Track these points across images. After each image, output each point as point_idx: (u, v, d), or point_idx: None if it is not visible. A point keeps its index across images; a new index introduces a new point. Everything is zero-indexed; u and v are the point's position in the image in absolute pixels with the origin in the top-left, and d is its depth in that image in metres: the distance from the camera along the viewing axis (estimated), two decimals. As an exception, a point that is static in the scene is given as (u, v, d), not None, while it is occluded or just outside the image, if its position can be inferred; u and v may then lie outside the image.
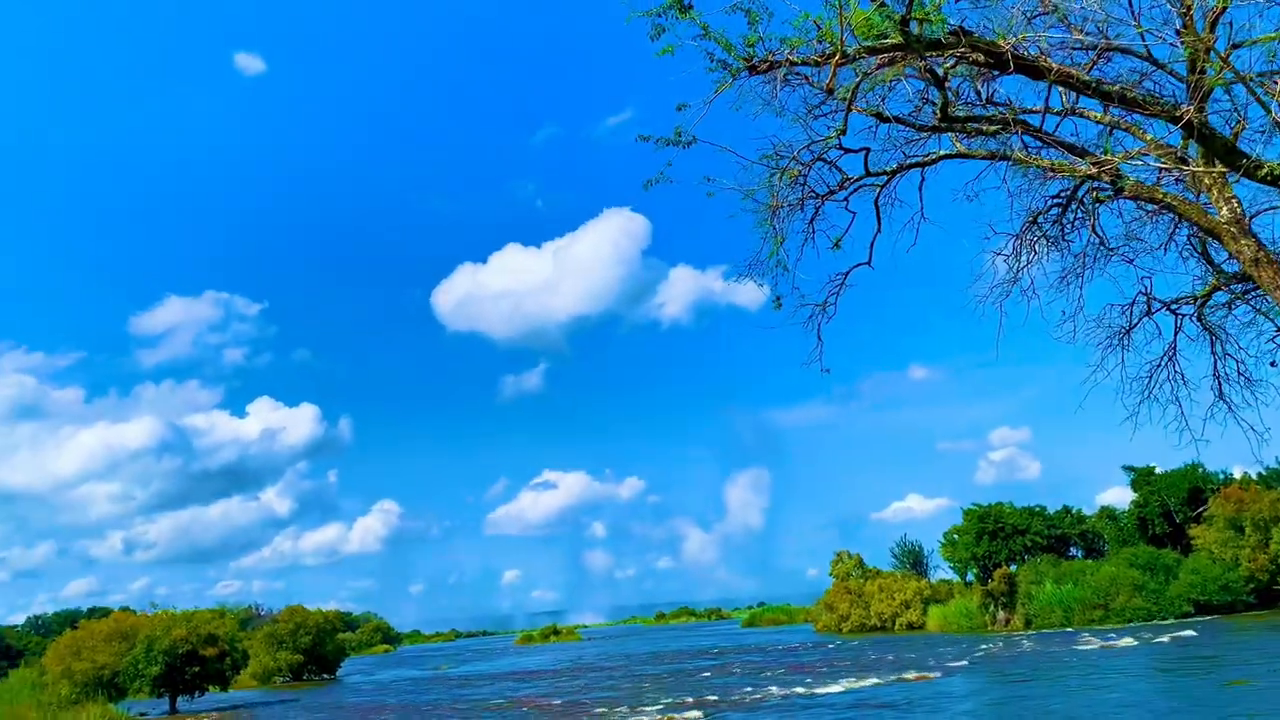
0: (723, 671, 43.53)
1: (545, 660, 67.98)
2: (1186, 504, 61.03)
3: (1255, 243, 6.49)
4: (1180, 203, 6.89)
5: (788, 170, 7.28)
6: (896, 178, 7.93)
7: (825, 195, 7.89)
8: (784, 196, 7.51)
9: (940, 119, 6.71)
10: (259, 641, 62.64)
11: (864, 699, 29.31)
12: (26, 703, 42.01)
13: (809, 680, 35.77)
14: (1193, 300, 8.80)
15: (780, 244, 7.51)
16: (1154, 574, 54.12)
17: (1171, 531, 61.09)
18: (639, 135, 6.68)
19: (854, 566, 73.73)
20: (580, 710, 31.81)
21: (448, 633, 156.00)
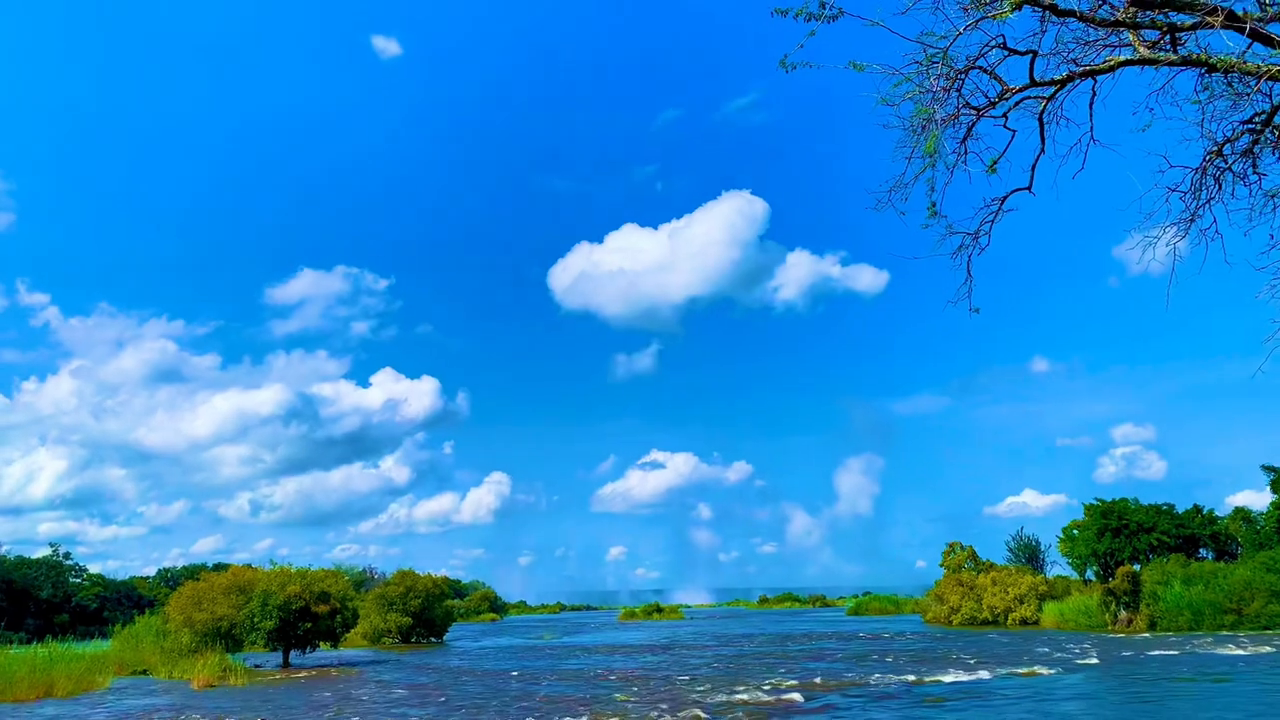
0: (827, 656, 42.55)
1: (647, 636, 67.90)
2: (1334, 508, 57.17)
3: None
4: None
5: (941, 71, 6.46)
6: (1065, 89, 7.01)
7: (982, 109, 7.02)
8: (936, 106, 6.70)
9: (1131, 3, 5.78)
10: (370, 602, 64.09)
11: (976, 690, 28.08)
12: (151, 648, 43.79)
13: (917, 669, 34.58)
14: None
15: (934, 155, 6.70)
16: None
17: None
18: (775, 10, 5.92)
19: (966, 558, 71.57)
20: (681, 686, 31.36)
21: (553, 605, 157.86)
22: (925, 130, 6.75)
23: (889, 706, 25.28)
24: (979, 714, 23.55)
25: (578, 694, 29.66)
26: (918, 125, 6.85)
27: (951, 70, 6.58)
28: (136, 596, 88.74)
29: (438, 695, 31.06)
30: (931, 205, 6.93)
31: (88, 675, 35.72)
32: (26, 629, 72.17)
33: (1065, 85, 6.94)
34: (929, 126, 6.74)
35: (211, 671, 36.73)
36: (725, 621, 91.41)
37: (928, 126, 6.74)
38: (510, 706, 27.14)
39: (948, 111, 6.85)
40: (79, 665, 36.74)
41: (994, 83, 6.85)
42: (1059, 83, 6.88)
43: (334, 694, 31.94)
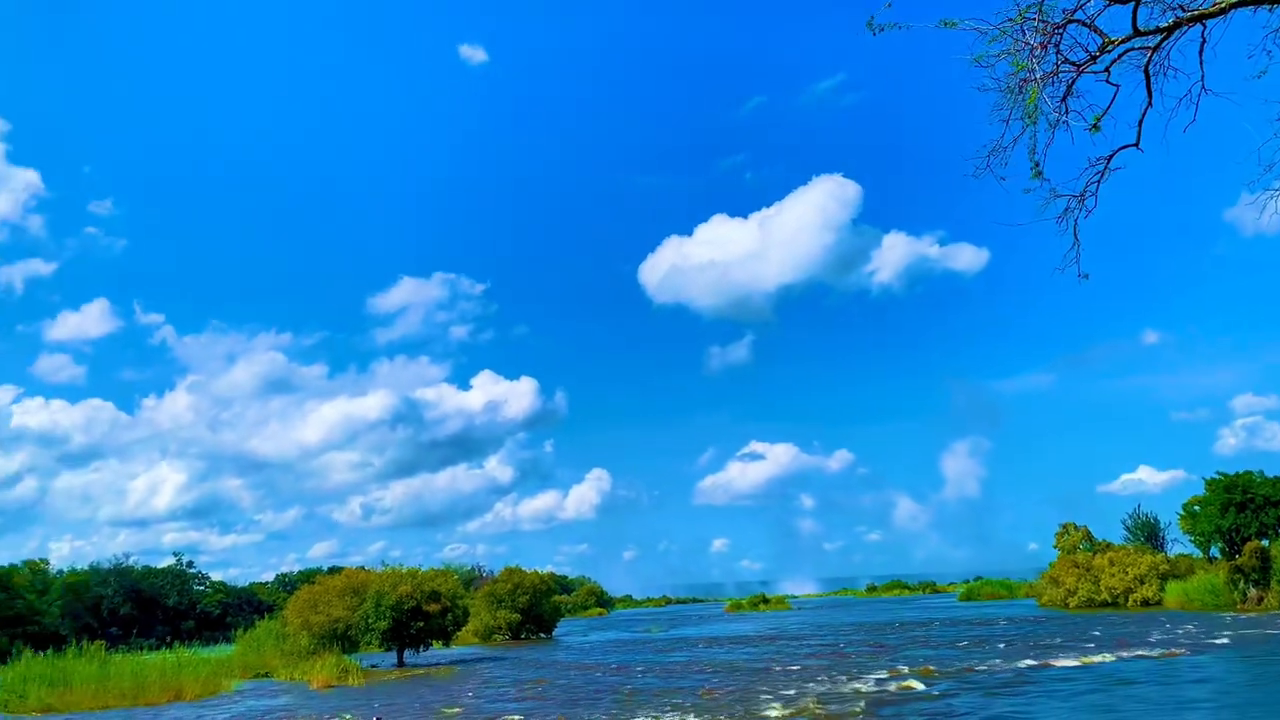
0: (941, 643, 41.69)
1: (755, 627, 67.55)
2: None
3: None
4: None
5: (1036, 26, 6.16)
6: (1172, 38, 6.62)
7: (1082, 64, 6.67)
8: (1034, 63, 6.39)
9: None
10: (480, 600, 65.21)
11: (1098, 674, 27.14)
12: (271, 651, 45.29)
13: (1035, 654, 33.61)
14: None
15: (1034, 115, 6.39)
16: None
17: None
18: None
19: (1081, 539, 69.37)
20: (794, 675, 31.06)
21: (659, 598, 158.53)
22: (1023, 90, 6.46)
23: (1008, 692, 24.61)
24: (1102, 698, 22.74)
25: (682, 685, 29.62)
26: (1014, 85, 6.55)
27: (1048, 24, 6.27)
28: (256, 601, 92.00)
29: (538, 690, 31.39)
30: (1035, 165, 6.61)
31: (214, 679, 37.09)
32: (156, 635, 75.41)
33: (1172, 33, 6.54)
34: (1027, 85, 6.45)
35: (330, 672, 37.76)
36: (833, 611, 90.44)
37: (1025, 85, 6.45)
38: (604, 698, 27.26)
39: (1046, 69, 6.53)
40: (205, 669, 38.20)
41: (1094, 35, 6.50)
42: (1165, 31, 6.49)
43: (443, 691, 32.53)
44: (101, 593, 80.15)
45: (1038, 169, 6.69)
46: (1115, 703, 21.87)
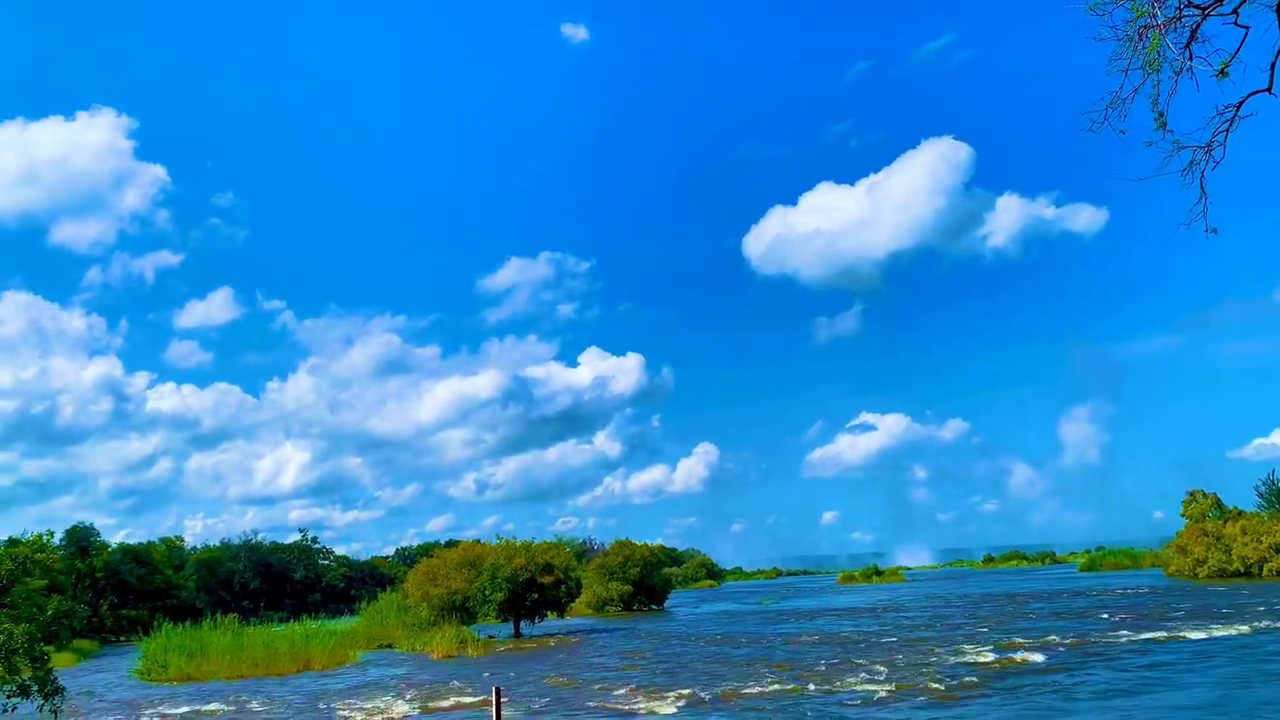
0: (1062, 615, 40.59)
1: (867, 599, 66.88)
2: None
3: None
4: None
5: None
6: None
7: (1208, 7, 6.32)
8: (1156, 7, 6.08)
9: None
10: (592, 572, 66.11)
11: (1237, 645, 26.03)
12: (394, 623, 46.80)
13: (1163, 625, 32.43)
14: None
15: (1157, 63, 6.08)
16: None
17: None
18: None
19: (1210, 507, 66.53)
20: (909, 648, 30.68)
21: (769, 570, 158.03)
22: (1143, 37, 6.15)
23: (1131, 665, 23.85)
24: (1237, 670, 21.84)
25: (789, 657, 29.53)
26: (1134, 32, 6.24)
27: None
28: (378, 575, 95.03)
29: (643, 660, 31.69)
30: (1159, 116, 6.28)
31: (340, 649, 38.52)
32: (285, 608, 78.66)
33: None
34: (1147, 32, 6.14)
35: (449, 643, 38.83)
36: (949, 583, 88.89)
37: (1146, 32, 6.14)
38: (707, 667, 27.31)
39: (1168, 13, 6.21)
40: (331, 640, 39.67)
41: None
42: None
43: (555, 661, 33.13)
44: (233, 568, 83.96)
45: (1162, 119, 6.37)
46: (1250, 675, 20.99)
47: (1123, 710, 17.92)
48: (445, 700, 24.44)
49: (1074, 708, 18.50)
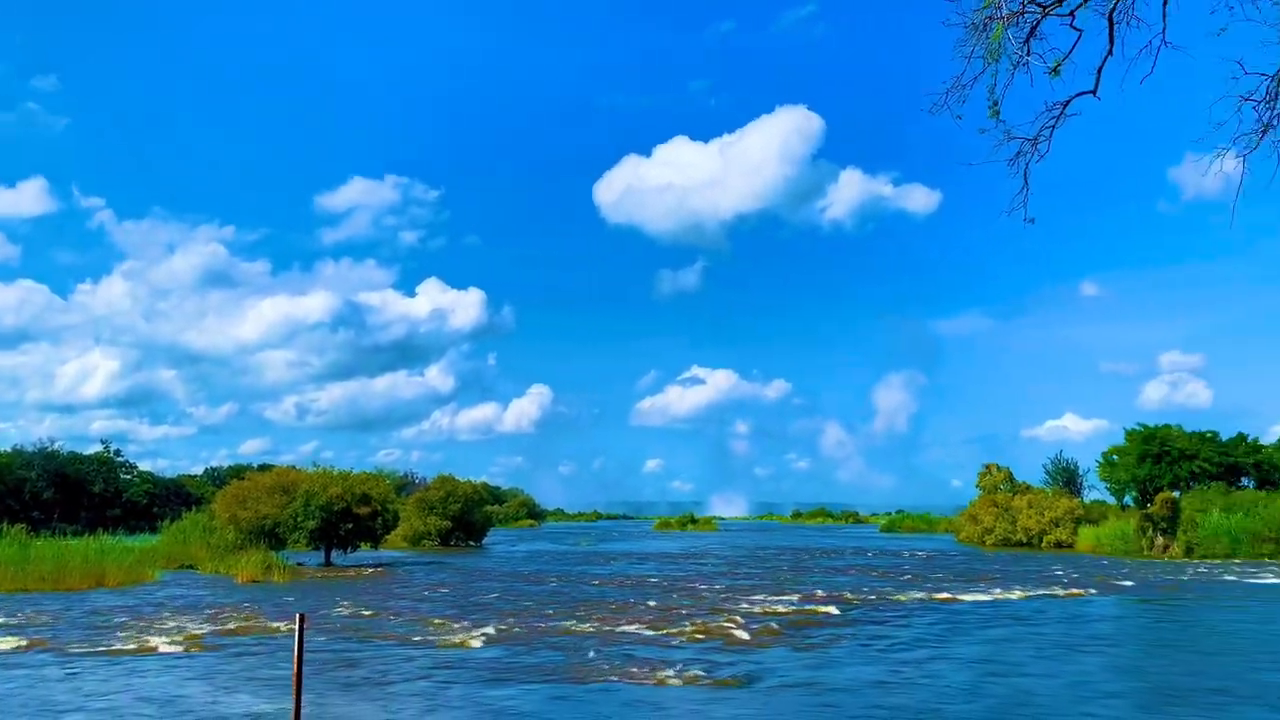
0: (859, 571, 42.90)
1: (680, 545, 68.84)
2: (1384, 440, 56.05)
3: None
4: None
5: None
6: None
7: (1048, 6, 6.61)
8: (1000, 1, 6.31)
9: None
10: (411, 506, 65.46)
11: (1008, 609, 28.19)
12: (198, 544, 45.08)
13: (949, 587, 34.76)
14: None
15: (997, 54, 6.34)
16: (1338, 511, 50.27)
17: (1363, 468, 56.40)
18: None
19: (1003, 480, 71.47)
20: (714, 595, 31.76)
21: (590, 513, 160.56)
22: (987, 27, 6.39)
23: (918, 623, 25.45)
24: (1010, 631, 23.63)
25: (605, 598, 30.14)
26: (980, 21, 6.49)
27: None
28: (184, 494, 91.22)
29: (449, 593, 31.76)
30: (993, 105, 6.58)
31: (137, 567, 36.86)
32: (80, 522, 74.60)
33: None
34: (992, 22, 6.38)
35: (255, 568, 37.74)
36: (758, 534, 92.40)
37: (990, 22, 6.38)
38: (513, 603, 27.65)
39: (1012, 7, 6.47)
40: (129, 557, 37.91)
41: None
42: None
43: (364, 591, 32.75)
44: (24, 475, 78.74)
45: (995, 108, 6.68)
46: (1019, 637, 22.74)
47: (904, 661, 19.12)
48: (245, 623, 23.78)
49: (862, 659, 19.59)
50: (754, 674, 17.62)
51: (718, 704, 15.25)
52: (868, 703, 15.16)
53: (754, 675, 17.51)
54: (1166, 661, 19.33)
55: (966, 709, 14.65)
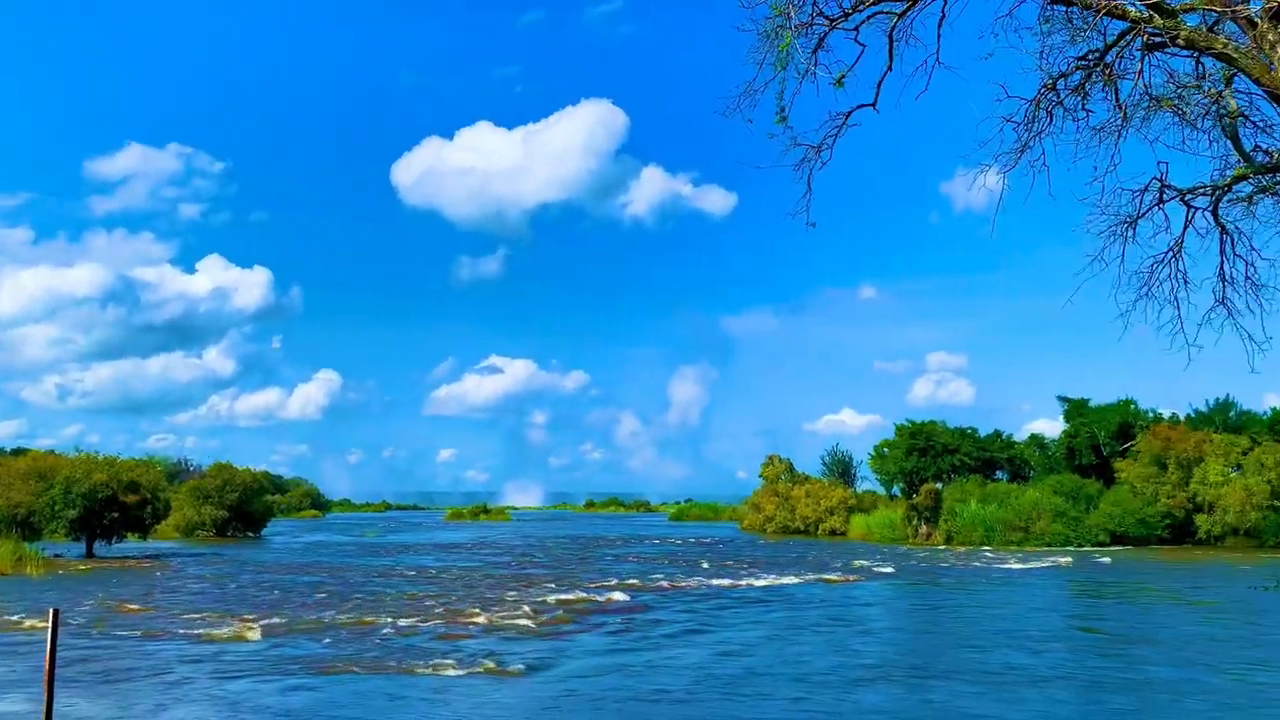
0: (647, 559, 43.81)
1: (472, 535, 68.20)
2: (1115, 438, 62.06)
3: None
4: (1243, 55, 6.11)
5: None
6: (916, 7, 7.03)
7: (835, 20, 6.96)
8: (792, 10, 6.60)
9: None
10: (184, 494, 61.88)
11: (783, 594, 29.54)
12: (-64, 533, 40.99)
13: (731, 573, 36.05)
14: (1210, 191, 8.11)
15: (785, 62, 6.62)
16: (1075, 502, 55.33)
17: (1098, 463, 62.21)
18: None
19: (784, 471, 74.45)
20: (503, 584, 31.67)
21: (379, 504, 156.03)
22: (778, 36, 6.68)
23: (706, 606, 26.28)
24: (784, 614, 24.78)
25: (389, 590, 29.54)
26: (772, 30, 6.77)
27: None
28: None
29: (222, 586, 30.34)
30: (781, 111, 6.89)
31: None
32: None
33: (917, 3, 6.97)
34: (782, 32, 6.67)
35: (4, 560, 34.69)
36: (551, 524, 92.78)
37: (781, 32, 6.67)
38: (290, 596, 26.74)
39: (802, 18, 6.79)
40: None
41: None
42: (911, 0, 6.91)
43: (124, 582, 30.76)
44: None
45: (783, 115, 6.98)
46: (793, 619, 23.89)
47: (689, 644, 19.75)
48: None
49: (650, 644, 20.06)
50: (538, 662, 17.74)
51: (498, 692, 15.28)
52: (605, 687, 15.68)
53: (538, 664, 17.62)
54: (888, 642, 21.03)
55: (694, 689, 15.51)
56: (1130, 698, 15.36)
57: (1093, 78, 7.59)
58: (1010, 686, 15.96)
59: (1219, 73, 7.39)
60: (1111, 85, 7.68)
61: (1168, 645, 20.53)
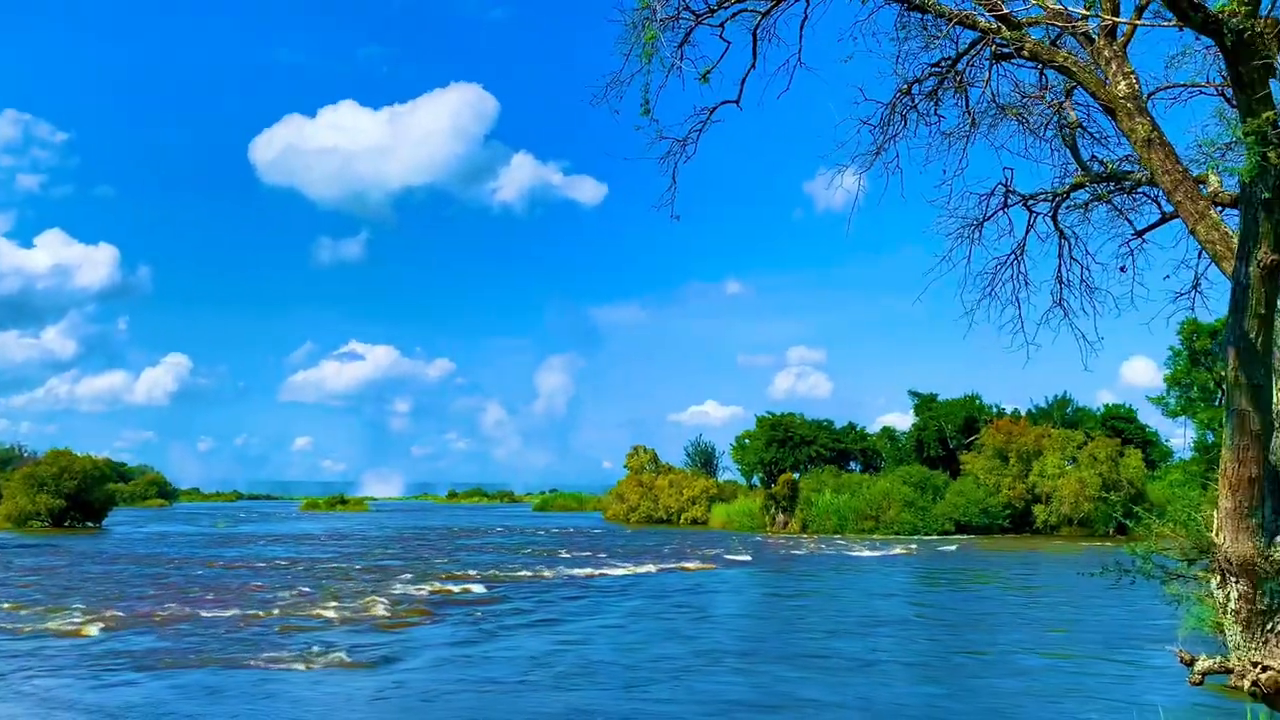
0: (508, 550, 43.57)
1: (327, 526, 66.46)
2: (961, 431, 65.02)
3: (1150, 122, 6.13)
4: (1081, 69, 6.45)
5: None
6: (780, 7, 7.16)
7: (701, 15, 7.03)
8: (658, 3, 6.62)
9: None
10: (17, 482, 58.38)
11: (639, 583, 29.85)
12: None
13: (592, 562, 36.21)
14: (1050, 197, 8.55)
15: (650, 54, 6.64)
16: (923, 492, 57.69)
17: (945, 455, 65.05)
18: None
19: (648, 461, 75.21)
20: (359, 576, 30.99)
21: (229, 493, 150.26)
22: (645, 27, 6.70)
23: (561, 596, 26.30)
24: (643, 603, 25.03)
25: (238, 582, 28.55)
26: (638, 21, 6.79)
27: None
28: None
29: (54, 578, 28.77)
30: (645, 102, 6.91)
31: None
32: None
33: (780, 2, 7.10)
34: (648, 24, 6.69)
35: None
36: (411, 515, 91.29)
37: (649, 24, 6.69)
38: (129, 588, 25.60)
39: (668, 12, 6.83)
40: None
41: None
42: (775, 0, 7.04)
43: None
44: None
45: (647, 107, 7.01)
46: (644, 608, 24.16)
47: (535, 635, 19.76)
48: None
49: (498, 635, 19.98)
50: (382, 656, 17.46)
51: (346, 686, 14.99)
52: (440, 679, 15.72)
53: (382, 657, 17.35)
54: (729, 629, 21.61)
55: (526, 679, 15.69)
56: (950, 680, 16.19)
57: (945, 84, 7.89)
58: (837, 671, 16.59)
59: (1061, 85, 7.82)
60: (962, 92, 8.01)
61: (992, 629, 21.69)
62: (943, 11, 6.80)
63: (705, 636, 20.02)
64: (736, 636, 20.35)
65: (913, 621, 23.27)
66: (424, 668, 16.50)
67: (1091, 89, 6.46)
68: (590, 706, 13.81)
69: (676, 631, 20.58)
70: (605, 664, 16.92)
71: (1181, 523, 6.99)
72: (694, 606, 24.97)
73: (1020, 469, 56.54)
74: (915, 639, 20.39)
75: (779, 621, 23.17)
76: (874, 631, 20.92)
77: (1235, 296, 5.49)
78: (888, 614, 24.04)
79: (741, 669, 16.63)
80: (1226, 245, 5.87)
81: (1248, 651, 5.90)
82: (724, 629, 21.48)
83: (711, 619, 23.09)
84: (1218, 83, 7.22)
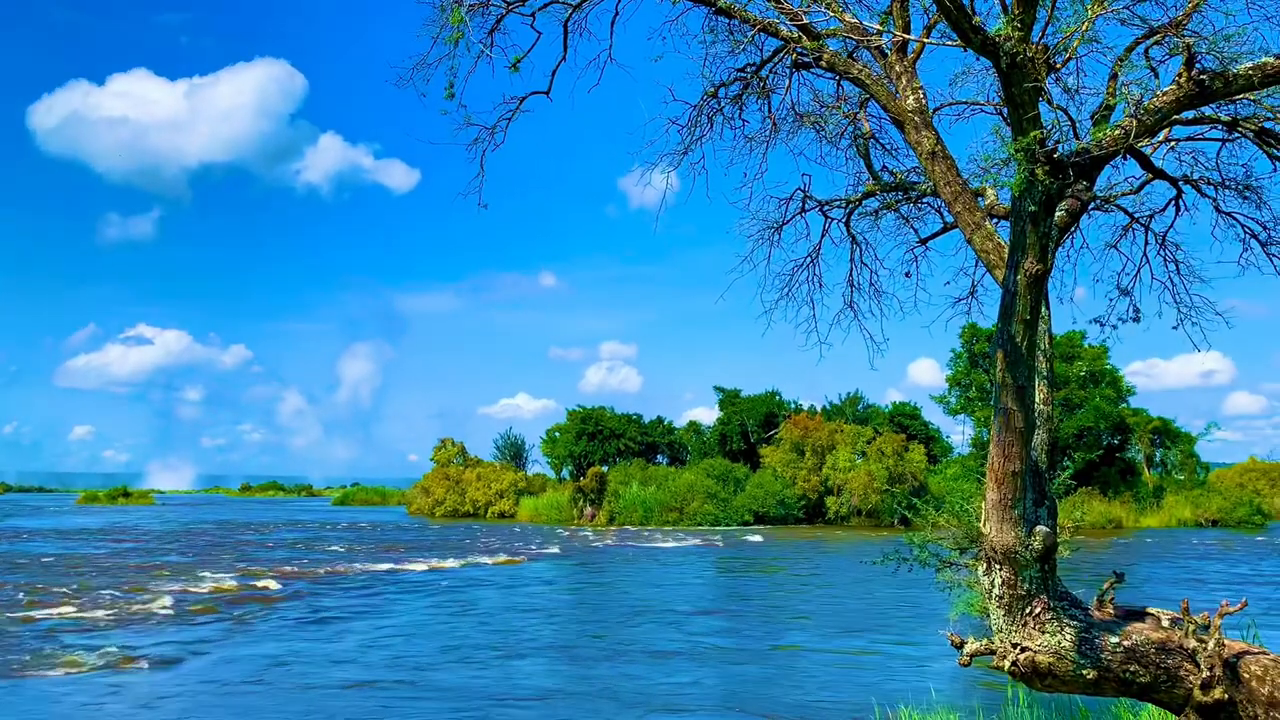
0: (306, 545, 42.05)
1: (109, 521, 62.20)
2: (762, 426, 67.35)
3: (935, 136, 6.51)
4: (873, 81, 6.77)
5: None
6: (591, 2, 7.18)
7: (512, 3, 6.96)
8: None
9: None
10: None
11: (446, 578, 29.47)
12: None
13: (394, 558, 35.43)
14: (844, 204, 8.96)
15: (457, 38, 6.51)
16: (725, 484, 59.43)
17: (746, 449, 67.19)
18: None
19: (456, 454, 74.19)
20: (143, 574, 29.18)
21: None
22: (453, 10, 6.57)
23: (360, 593, 25.62)
24: (450, 598, 24.70)
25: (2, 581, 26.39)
26: (448, 4, 6.65)
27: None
28: None
29: None
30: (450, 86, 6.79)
31: None
32: None
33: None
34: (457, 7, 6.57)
35: None
36: (201, 509, 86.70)
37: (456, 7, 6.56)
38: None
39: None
40: None
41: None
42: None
43: None
44: None
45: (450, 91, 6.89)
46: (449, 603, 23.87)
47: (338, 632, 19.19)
48: None
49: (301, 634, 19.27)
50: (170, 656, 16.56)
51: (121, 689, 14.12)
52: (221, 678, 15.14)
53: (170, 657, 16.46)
54: (522, 622, 21.73)
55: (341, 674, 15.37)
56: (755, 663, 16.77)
57: (749, 89, 8.14)
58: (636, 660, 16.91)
59: (856, 96, 8.21)
60: (765, 98, 8.29)
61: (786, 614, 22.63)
62: (748, 18, 7.00)
63: (485, 630, 19.96)
64: (528, 629, 20.37)
65: (712, 609, 23.97)
66: (201, 669, 15.71)
67: (883, 101, 6.82)
68: (366, 703, 13.57)
69: (454, 628, 20.41)
70: (414, 657, 16.61)
71: (955, 514, 7.48)
72: (471, 601, 24.85)
73: (815, 462, 59.07)
74: (713, 628, 20.99)
75: (581, 611, 23.40)
76: (674, 620, 21.40)
77: (1004, 302, 5.91)
78: (687, 603, 24.64)
79: (535, 660, 16.68)
80: (999, 254, 6.31)
81: (1009, 634, 6.37)
82: (514, 622, 21.46)
83: (503, 613, 23.02)
84: (995, 102, 7.77)
